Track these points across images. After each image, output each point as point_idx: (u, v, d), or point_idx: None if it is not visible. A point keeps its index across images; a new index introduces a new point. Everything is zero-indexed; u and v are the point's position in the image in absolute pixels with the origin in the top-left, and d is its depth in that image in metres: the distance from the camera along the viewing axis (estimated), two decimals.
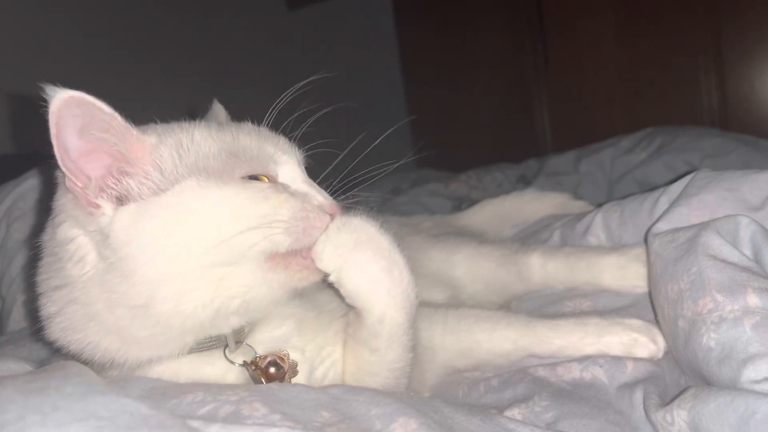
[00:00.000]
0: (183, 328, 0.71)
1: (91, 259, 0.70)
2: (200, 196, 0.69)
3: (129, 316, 0.69)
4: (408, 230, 1.25)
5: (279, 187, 0.74)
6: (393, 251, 0.76)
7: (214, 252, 0.69)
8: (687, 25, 2.82)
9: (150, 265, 0.67)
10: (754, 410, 0.62)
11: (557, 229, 1.27)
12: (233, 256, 0.70)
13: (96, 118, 0.66)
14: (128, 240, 0.67)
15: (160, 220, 0.68)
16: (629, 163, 2.00)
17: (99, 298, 0.69)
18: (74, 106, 0.64)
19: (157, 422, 0.47)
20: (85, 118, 0.65)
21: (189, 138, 0.72)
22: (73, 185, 0.68)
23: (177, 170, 0.70)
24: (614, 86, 3.04)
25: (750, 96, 2.76)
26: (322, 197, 0.77)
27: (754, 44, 2.71)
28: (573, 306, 1.06)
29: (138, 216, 0.68)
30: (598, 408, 0.79)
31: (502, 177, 2.26)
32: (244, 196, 0.70)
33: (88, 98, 0.65)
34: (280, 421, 0.56)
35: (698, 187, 0.98)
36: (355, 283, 0.74)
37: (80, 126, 0.66)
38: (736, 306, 0.76)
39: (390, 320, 0.75)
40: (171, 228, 0.68)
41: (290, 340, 0.78)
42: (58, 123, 0.64)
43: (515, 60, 3.31)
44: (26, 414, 0.46)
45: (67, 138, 0.66)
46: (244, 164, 0.73)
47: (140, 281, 0.68)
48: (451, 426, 0.63)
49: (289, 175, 0.77)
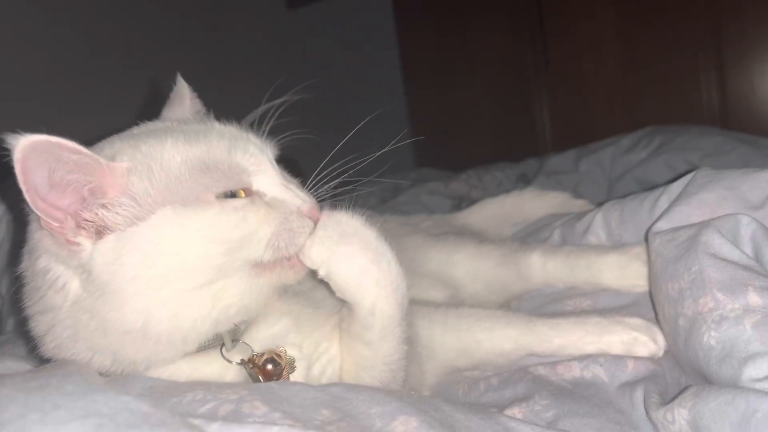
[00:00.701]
0: (185, 341, 0.71)
1: (73, 287, 0.69)
2: (178, 225, 0.68)
3: (124, 340, 0.69)
4: (407, 230, 1.25)
5: (257, 201, 0.73)
6: (380, 243, 0.76)
7: (200, 275, 0.69)
8: (687, 24, 2.81)
9: (139, 296, 0.67)
10: (755, 409, 0.62)
11: (557, 228, 1.27)
12: (219, 274, 0.70)
13: (62, 159, 0.64)
14: (112, 274, 0.67)
15: (141, 252, 0.67)
16: (629, 162, 2.00)
17: (88, 323, 0.69)
18: (39, 152, 0.63)
19: (157, 420, 0.47)
20: (51, 161, 0.64)
21: (158, 161, 0.70)
22: (49, 225, 0.67)
23: (150, 197, 0.68)
24: (614, 85, 3.04)
25: (750, 95, 2.76)
26: (301, 200, 0.75)
27: (754, 43, 2.71)
28: (573, 305, 1.06)
29: (119, 249, 0.67)
30: (598, 407, 0.79)
31: (502, 176, 2.26)
32: (223, 221, 0.69)
33: (51, 140, 0.63)
34: (281, 420, 0.56)
35: (698, 186, 0.98)
36: (343, 277, 0.75)
37: (47, 170, 0.64)
38: (737, 305, 0.76)
39: (381, 312, 0.75)
40: (153, 259, 0.67)
41: (287, 337, 0.78)
42: (24, 170, 0.63)
43: (515, 59, 3.31)
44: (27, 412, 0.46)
45: (36, 183, 0.64)
46: (217, 182, 0.71)
47: (132, 311, 0.67)
48: (452, 424, 0.63)
49: (264, 182, 0.75)
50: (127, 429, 0.46)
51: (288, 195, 0.75)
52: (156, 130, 0.76)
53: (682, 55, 2.84)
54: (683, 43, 2.83)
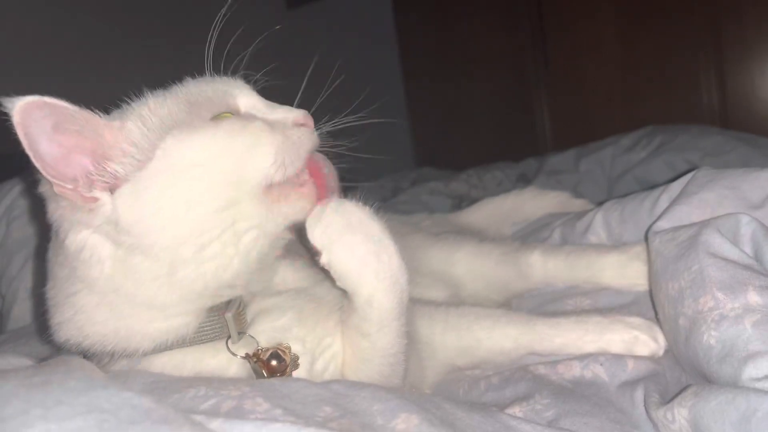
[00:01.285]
0: (206, 288, 0.72)
1: (108, 253, 0.70)
2: (182, 150, 0.71)
3: (156, 288, 0.71)
4: (408, 229, 1.25)
5: (250, 118, 0.76)
6: (383, 236, 0.76)
7: (216, 196, 0.71)
8: (687, 24, 2.82)
9: (164, 231, 0.69)
10: (755, 408, 0.62)
11: (557, 227, 1.27)
12: (234, 193, 0.72)
13: (61, 117, 0.66)
14: (137, 218, 0.69)
15: (157, 187, 0.69)
16: (629, 162, 2.00)
17: (124, 285, 0.70)
18: (38, 113, 0.64)
19: (159, 416, 0.47)
20: (50, 120, 0.65)
21: (146, 108, 0.73)
22: (62, 189, 0.68)
23: (149, 139, 0.71)
24: (614, 85, 3.04)
25: (750, 94, 2.76)
26: (290, 113, 0.79)
27: (754, 42, 2.71)
28: (573, 304, 1.06)
29: (136, 192, 0.69)
30: (598, 406, 0.79)
31: (502, 176, 2.26)
32: (222, 133, 0.72)
33: (47, 100, 0.65)
34: (282, 416, 0.56)
35: (699, 185, 0.98)
36: (343, 265, 0.75)
37: (48, 129, 0.65)
38: (737, 304, 0.76)
39: (378, 303, 0.75)
40: (170, 190, 0.69)
41: (291, 331, 0.79)
42: (26, 133, 0.64)
43: (515, 58, 3.31)
44: (29, 408, 0.46)
45: (40, 145, 0.65)
46: (207, 109, 0.75)
47: (160, 250, 0.69)
48: (453, 422, 0.63)
49: (250, 103, 0.79)
50: (130, 425, 0.46)
51: (277, 111, 0.79)
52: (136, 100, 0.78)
53: (682, 55, 2.84)
54: (683, 43, 2.83)
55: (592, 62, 3.09)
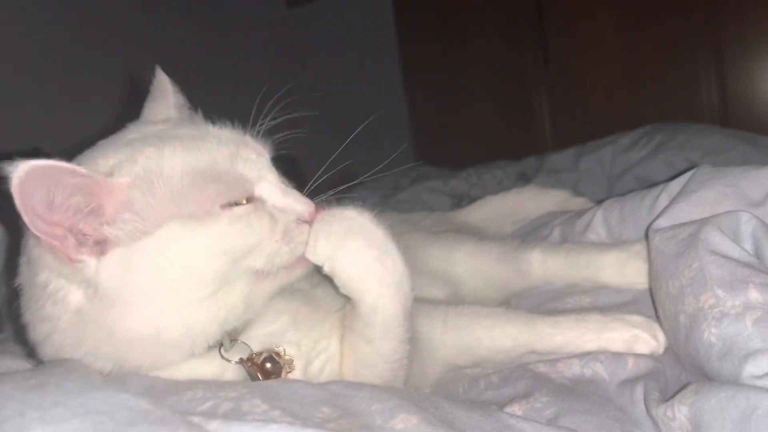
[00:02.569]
0: (194, 344, 0.72)
1: (75, 299, 0.69)
2: (187, 239, 0.68)
3: (132, 347, 0.69)
4: (408, 227, 1.25)
5: (260, 209, 0.74)
6: (386, 241, 0.76)
7: (208, 285, 0.70)
8: (687, 22, 2.81)
9: (148, 308, 0.68)
10: (755, 406, 0.62)
11: (557, 226, 1.27)
12: (225, 282, 0.71)
13: (61, 183, 0.64)
14: (120, 288, 0.67)
15: (150, 266, 0.68)
16: (629, 161, 2.00)
17: (94, 333, 0.69)
18: (37, 177, 0.62)
19: (156, 418, 0.47)
20: (50, 186, 0.63)
21: (158, 174, 0.69)
22: (49, 244, 0.66)
23: (154, 211, 0.68)
24: (614, 83, 3.04)
25: (750, 93, 2.76)
26: (301, 206, 0.76)
27: (754, 41, 2.71)
28: (573, 303, 1.06)
29: (126, 264, 0.67)
30: (598, 404, 0.79)
31: (502, 174, 2.26)
32: (230, 231, 0.70)
33: (49, 164, 0.62)
34: (280, 417, 0.56)
35: (699, 183, 0.98)
36: (347, 272, 0.75)
37: (46, 194, 0.63)
38: (737, 301, 0.76)
39: (383, 310, 0.75)
40: (163, 273, 0.68)
41: (285, 335, 0.78)
42: (22, 196, 0.62)
43: (515, 57, 3.31)
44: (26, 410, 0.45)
45: (35, 208, 0.63)
46: (222, 194, 0.71)
47: (141, 322, 0.68)
48: (452, 422, 0.63)
49: (265, 189, 0.75)
50: (126, 427, 0.46)
51: (288, 201, 0.76)
52: (149, 136, 0.74)
53: (682, 54, 2.84)
54: (683, 42, 2.83)
55: (592, 61, 3.09)
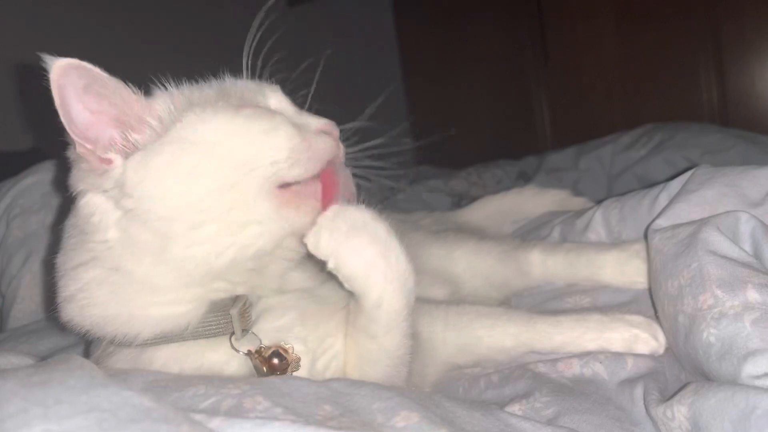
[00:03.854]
0: (197, 267, 0.72)
1: (114, 219, 0.72)
2: (198, 124, 0.72)
3: (151, 265, 0.71)
4: (408, 227, 1.25)
5: (280, 115, 0.77)
6: (390, 238, 0.76)
7: (219, 175, 0.71)
8: (687, 21, 2.82)
9: (162, 200, 0.70)
10: (754, 405, 0.62)
11: (557, 225, 1.27)
12: (239, 177, 0.71)
13: (95, 82, 0.69)
14: (140, 180, 0.70)
15: (165, 156, 0.71)
16: (629, 160, 2.00)
17: (124, 258, 0.72)
18: (74, 73, 0.68)
19: (159, 415, 0.47)
20: (84, 83, 0.69)
21: (179, 90, 0.77)
22: (83, 149, 0.71)
23: (174, 115, 0.73)
24: (614, 82, 3.04)
25: (750, 92, 2.76)
26: (317, 121, 0.80)
27: (754, 40, 2.72)
28: (573, 302, 1.06)
29: (146, 158, 0.71)
30: (598, 403, 0.79)
31: (501, 174, 2.26)
32: (242, 117, 0.73)
33: (85, 64, 0.68)
34: (282, 415, 0.56)
35: (698, 183, 0.98)
36: (351, 268, 0.75)
37: (81, 91, 0.69)
38: (736, 302, 0.76)
39: (387, 305, 0.75)
40: (177, 160, 0.70)
41: (293, 330, 0.78)
42: (60, 90, 0.68)
43: (515, 56, 3.31)
44: (29, 407, 0.46)
45: (71, 104, 0.69)
46: (235, 98, 0.77)
47: (155, 219, 0.70)
48: (453, 420, 0.63)
49: (279, 104, 0.81)
50: (130, 424, 0.46)
51: (304, 116, 0.80)
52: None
53: (682, 53, 2.84)
54: (683, 41, 2.83)
55: (591, 60, 3.09)
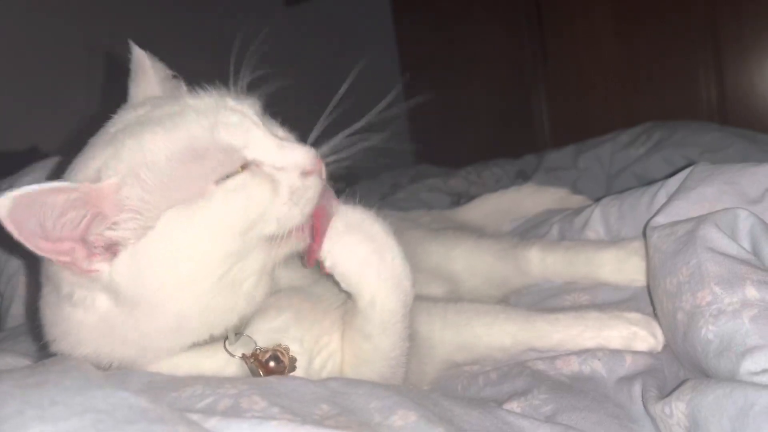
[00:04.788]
0: (212, 329, 0.72)
1: (103, 305, 0.69)
2: (187, 225, 0.67)
3: (161, 337, 0.70)
4: (407, 225, 1.25)
5: (257, 174, 0.71)
6: (386, 236, 0.76)
7: (222, 264, 0.69)
8: (685, 20, 2.82)
9: (168, 303, 0.68)
10: (752, 402, 0.62)
11: (556, 223, 1.27)
12: (239, 257, 0.70)
13: (49, 205, 0.62)
14: (138, 288, 0.67)
15: (159, 261, 0.67)
16: (628, 158, 2.00)
17: (121, 332, 0.69)
18: (23, 206, 0.60)
19: (155, 416, 0.47)
20: (39, 211, 0.61)
21: (143, 165, 0.67)
22: (60, 261, 0.66)
23: (149, 203, 0.67)
24: (613, 81, 3.04)
25: (749, 90, 2.76)
26: (300, 156, 0.72)
27: (753, 39, 2.71)
28: (572, 300, 1.06)
29: (137, 263, 0.67)
30: (597, 401, 0.79)
31: (500, 172, 2.26)
32: (230, 207, 0.68)
33: (32, 191, 0.60)
34: (279, 414, 0.56)
35: (697, 180, 0.98)
36: (345, 266, 0.75)
37: (39, 219, 0.61)
38: (735, 298, 0.76)
39: (381, 304, 0.75)
40: (174, 265, 0.67)
41: (288, 331, 0.78)
42: (16, 227, 0.60)
43: (514, 55, 3.31)
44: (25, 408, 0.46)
45: (32, 233, 0.62)
46: (212, 170, 0.68)
47: (164, 315, 0.69)
48: (450, 419, 0.63)
49: (257, 151, 0.71)
50: (126, 425, 0.46)
51: (285, 156, 0.72)
52: (130, 124, 0.71)
53: (681, 51, 2.84)
54: (682, 40, 2.83)
55: (590, 59, 3.09)
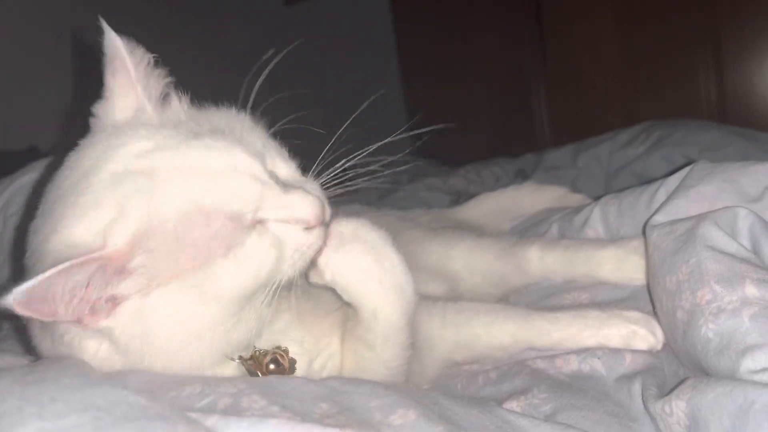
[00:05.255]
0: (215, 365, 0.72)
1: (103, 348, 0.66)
2: (197, 294, 0.66)
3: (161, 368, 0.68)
4: (406, 224, 1.25)
5: (264, 236, 0.69)
6: (385, 245, 0.76)
7: (227, 320, 0.68)
8: (685, 19, 2.81)
9: (178, 352, 0.67)
10: (752, 400, 0.62)
11: (555, 222, 1.27)
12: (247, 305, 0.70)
13: (59, 288, 0.59)
14: (142, 343, 0.65)
15: (166, 322, 0.65)
16: (627, 157, 2.00)
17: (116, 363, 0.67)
18: (34, 298, 0.58)
19: (155, 413, 0.47)
20: (50, 298, 0.59)
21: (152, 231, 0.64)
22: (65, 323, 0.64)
23: (155, 269, 0.64)
24: (612, 80, 3.04)
25: (748, 89, 2.76)
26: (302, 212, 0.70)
27: (752, 38, 2.71)
28: (571, 299, 1.06)
29: (142, 321, 0.65)
30: (596, 400, 0.79)
31: (500, 171, 2.26)
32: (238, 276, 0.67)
33: (40, 282, 0.57)
34: (279, 413, 0.56)
35: (696, 178, 0.98)
36: (346, 278, 0.75)
37: (50, 305, 0.60)
38: (735, 297, 0.76)
39: (384, 316, 0.75)
40: (180, 326, 0.66)
41: (288, 333, 0.78)
42: (30, 315, 0.59)
43: (513, 54, 3.31)
44: (24, 405, 0.45)
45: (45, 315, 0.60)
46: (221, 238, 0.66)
47: (167, 363, 0.67)
48: (450, 417, 0.63)
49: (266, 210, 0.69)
50: (125, 422, 0.46)
51: (292, 212, 0.70)
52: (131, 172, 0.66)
53: (681, 50, 2.84)
54: (681, 38, 2.83)
55: (590, 58, 3.09)
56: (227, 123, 0.74)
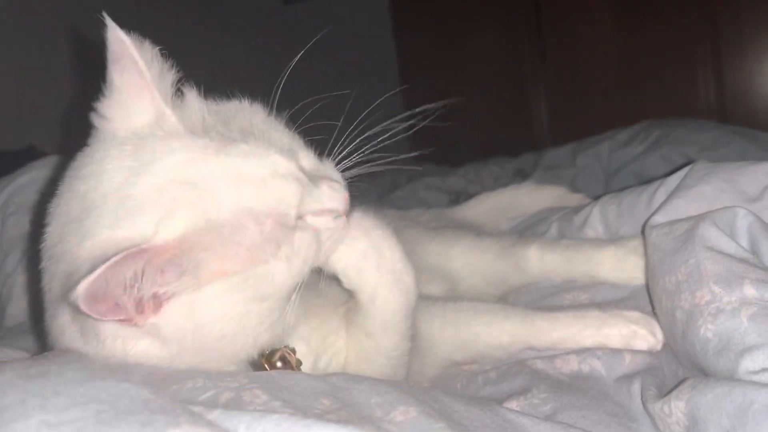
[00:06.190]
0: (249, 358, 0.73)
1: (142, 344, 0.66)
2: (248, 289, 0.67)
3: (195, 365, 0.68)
4: (405, 224, 1.25)
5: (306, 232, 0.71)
6: (384, 233, 0.77)
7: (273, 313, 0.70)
8: (684, 19, 2.82)
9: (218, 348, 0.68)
10: (751, 400, 0.62)
11: (555, 221, 1.27)
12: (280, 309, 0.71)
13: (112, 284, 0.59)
14: (193, 335, 0.66)
15: (216, 317, 0.66)
16: (626, 156, 2.00)
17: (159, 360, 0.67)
18: (97, 291, 0.58)
19: (157, 407, 0.47)
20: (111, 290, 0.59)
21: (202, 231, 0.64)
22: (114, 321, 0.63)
23: (203, 268, 0.65)
24: (611, 79, 3.04)
25: (747, 89, 2.77)
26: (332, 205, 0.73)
27: (751, 38, 2.72)
28: (571, 298, 1.06)
29: (186, 313, 0.65)
30: (596, 400, 0.79)
31: (499, 171, 2.26)
32: (290, 275, 0.69)
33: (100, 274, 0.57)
34: (281, 408, 0.56)
35: (696, 178, 0.99)
36: (344, 261, 0.75)
37: (113, 297, 0.60)
38: (734, 297, 0.76)
39: (381, 299, 0.76)
40: (229, 320, 0.67)
41: (297, 330, 0.78)
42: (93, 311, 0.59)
43: (512, 54, 3.31)
44: (27, 398, 0.46)
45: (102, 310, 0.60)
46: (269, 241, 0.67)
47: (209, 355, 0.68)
48: (451, 415, 0.63)
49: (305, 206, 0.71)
50: (127, 415, 0.46)
51: (325, 204, 0.72)
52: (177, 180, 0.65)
53: (680, 50, 2.85)
54: (681, 38, 2.84)
55: (589, 57, 3.09)
56: (249, 119, 0.75)
